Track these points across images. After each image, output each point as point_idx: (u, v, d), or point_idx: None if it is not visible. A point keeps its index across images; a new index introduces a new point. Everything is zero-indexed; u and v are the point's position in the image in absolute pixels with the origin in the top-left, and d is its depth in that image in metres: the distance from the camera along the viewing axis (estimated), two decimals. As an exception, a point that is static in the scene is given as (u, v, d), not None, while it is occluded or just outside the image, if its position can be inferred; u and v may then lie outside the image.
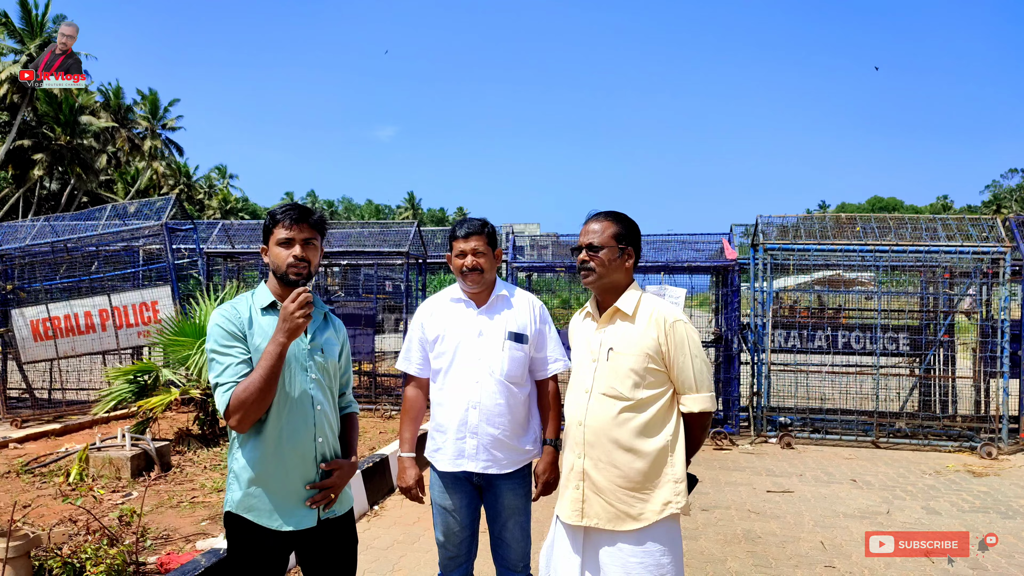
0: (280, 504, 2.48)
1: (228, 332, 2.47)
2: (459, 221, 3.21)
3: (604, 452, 2.66)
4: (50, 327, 9.76)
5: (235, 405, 2.37)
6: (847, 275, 10.88)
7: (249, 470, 2.47)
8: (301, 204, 2.63)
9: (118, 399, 7.62)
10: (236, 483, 2.50)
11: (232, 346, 2.46)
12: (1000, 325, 8.56)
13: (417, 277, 11.92)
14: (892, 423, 9.19)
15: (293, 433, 2.50)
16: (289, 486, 2.50)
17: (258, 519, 2.48)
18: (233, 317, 2.50)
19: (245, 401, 2.36)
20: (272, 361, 2.38)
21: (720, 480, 7.17)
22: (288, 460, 2.49)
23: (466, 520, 3.17)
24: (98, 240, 10.30)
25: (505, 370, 3.08)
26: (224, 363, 2.44)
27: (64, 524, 4.91)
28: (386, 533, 5.51)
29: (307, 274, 2.55)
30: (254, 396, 2.36)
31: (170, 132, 52.23)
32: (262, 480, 2.47)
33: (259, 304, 2.58)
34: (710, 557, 5.09)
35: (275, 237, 2.56)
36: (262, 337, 2.50)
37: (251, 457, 2.47)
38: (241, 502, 2.48)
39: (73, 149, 38.78)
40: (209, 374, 2.48)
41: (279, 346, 2.38)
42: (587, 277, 2.75)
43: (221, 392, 2.41)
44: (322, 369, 2.62)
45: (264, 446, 2.47)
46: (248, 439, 2.49)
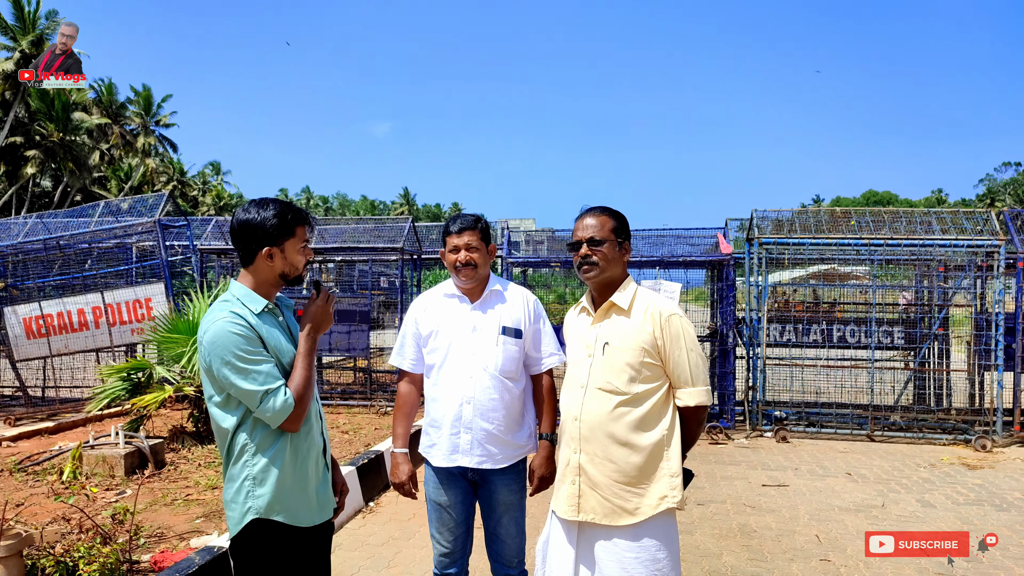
0: (306, 500, 2.49)
1: (247, 339, 2.36)
2: (452, 216, 3.19)
3: (600, 447, 2.65)
4: (43, 324, 9.71)
5: (300, 403, 2.38)
6: (842, 269, 10.91)
7: (275, 470, 2.40)
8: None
9: (112, 397, 7.58)
10: (260, 487, 2.39)
11: (259, 351, 2.38)
12: (994, 318, 8.57)
13: (412, 273, 11.89)
14: (887, 416, 9.21)
15: (309, 428, 2.52)
16: (310, 481, 2.51)
17: (292, 519, 2.44)
18: (244, 324, 2.40)
19: (304, 399, 2.40)
20: (312, 357, 2.48)
21: (715, 474, 7.17)
22: (308, 455, 2.50)
23: (461, 516, 3.15)
24: (91, 237, 10.25)
25: (499, 365, 3.07)
26: (263, 368, 2.35)
27: (57, 522, 4.88)
28: (381, 530, 5.50)
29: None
30: (309, 392, 2.42)
31: (164, 129, 52.06)
32: (291, 478, 2.43)
33: (254, 309, 2.48)
34: (706, 551, 5.09)
35: (297, 240, 2.51)
36: (271, 340, 2.45)
37: (277, 457, 2.41)
38: (272, 505, 2.39)
39: (66, 146, 38.57)
40: (244, 384, 2.33)
41: (313, 341, 2.49)
42: (589, 272, 2.73)
43: (281, 395, 2.34)
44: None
45: (287, 444, 2.43)
46: (270, 440, 2.41)
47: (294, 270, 2.53)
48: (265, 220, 2.44)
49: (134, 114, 49.25)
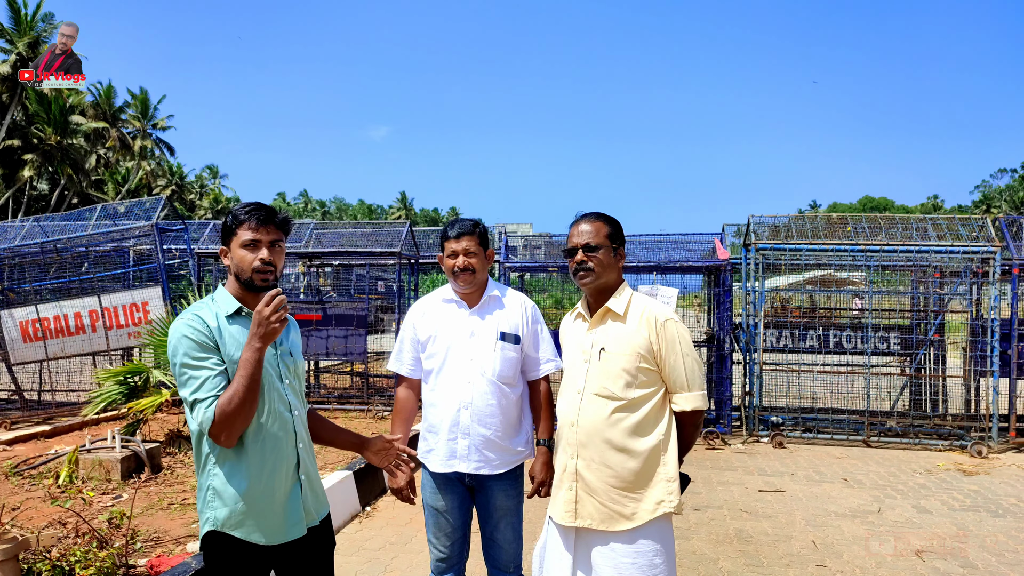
0: (268, 517, 2.36)
1: (198, 343, 2.28)
2: (451, 221, 3.19)
3: (597, 452, 2.65)
4: (39, 328, 9.69)
5: (221, 419, 2.21)
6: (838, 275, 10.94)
7: (232, 486, 2.31)
8: (265, 204, 2.44)
9: (108, 400, 7.55)
10: (218, 500, 2.32)
11: (205, 358, 2.27)
12: (990, 324, 8.60)
13: (409, 277, 11.89)
14: (883, 422, 9.22)
15: (276, 442, 2.38)
16: (275, 497, 2.37)
17: (247, 535, 2.33)
18: (201, 327, 2.30)
19: (231, 414, 2.21)
20: (251, 368, 2.22)
21: (712, 479, 7.18)
22: (274, 471, 2.37)
23: (458, 521, 3.16)
24: (88, 240, 10.24)
25: (497, 371, 3.07)
26: (200, 376, 2.25)
27: (53, 526, 4.87)
28: (378, 534, 5.49)
29: (274, 279, 2.39)
30: (240, 408, 2.21)
31: (161, 132, 52.05)
32: (248, 494, 2.32)
33: (224, 311, 2.39)
34: (702, 557, 5.09)
35: (238, 239, 2.37)
36: (234, 346, 2.33)
37: (235, 471, 2.32)
38: (228, 520, 2.31)
39: (63, 149, 38.56)
40: (183, 391, 2.28)
41: (256, 352, 2.23)
42: (585, 278, 2.74)
43: (203, 408, 2.23)
44: (294, 374, 2.54)
45: (248, 457, 2.33)
46: (229, 453, 2.32)
47: (241, 271, 2.38)
48: (224, 220, 2.45)
49: (132, 117, 49.22)
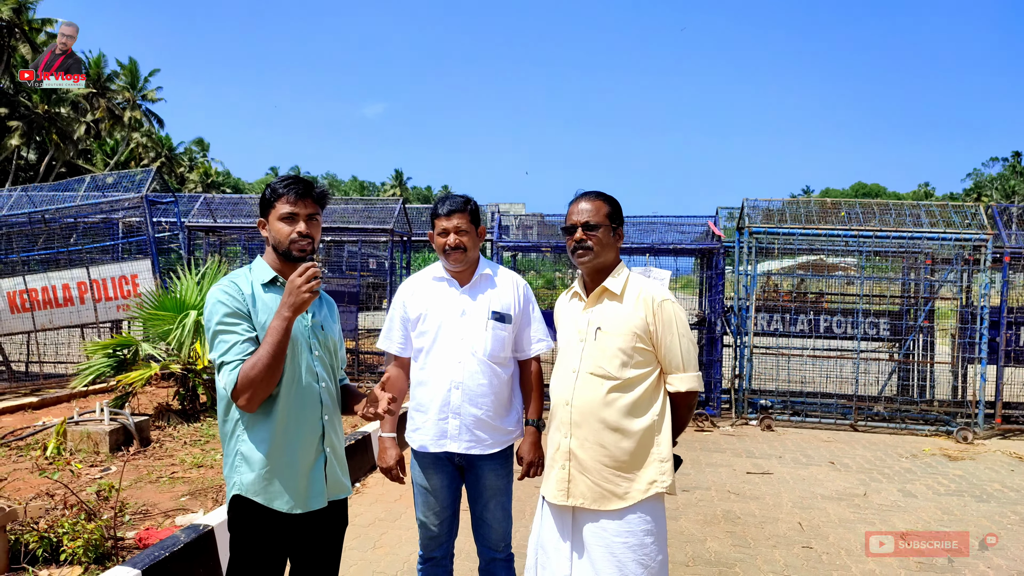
0: (291, 485, 2.43)
1: (231, 309, 2.37)
2: (441, 198, 3.12)
3: (591, 432, 2.65)
4: (27, 299, 9.60)
5: (243, 383, 2.29)
6: (830, 260, 10.96)
7: (259, 451, 2.39)
8: (303, 177, 2.53)
9: (97, 373, 7.52)
10: (245, 465, 2.40)
11: (236, 323, 2.37)
12: (979, 311, 8.65)
13: (401, 255, 11.83)
14: (871, 407, 9.30)
15: (301, 412, 2.45)
16: (298, 466, 2.44)
17: (269, 502, 2.41)
18: (235, 293, 2.41)
19: (254, 379, 2.28)
20: (279, 336, 2.30)
21: (701, 461, 7.22)
22: (297, 440, 2.44)
23: (447, 500, 3.15)
24: (77, 212, 10.13)
25: (488, 350, 3.04)
26: (229, 341, 2.34)
27: (41, 498, 4.84)
28: (368, 510, 5.51)
29: (311, 250, 2.48)
30: (263, 373, 2.28)
31: (150, 103, 51.34)
32: (273, 461, 2.40)
33: (260, 280, 2.49)
34: (690, 537, 5.13)
35: (277, 211, 2.47)
36: (267, 314, 2.41)
37: (261, 438, 2.39)
38: (252, 485, 2.39)
39: (51, 118, 38.01)
40: (212, 353, 2.38)
41: (285, 321, 2.30)
42: (583, 256, 2.71)
43: (228, 370, 2.31)
44: (323, 346, 2.58)
45: (274, 426, 2.40)
46: (257, 420, 2.40)
47: (278, 242, 2.48)
48: (263, 193, 2.55)
49: (120, 87, 48.51)
